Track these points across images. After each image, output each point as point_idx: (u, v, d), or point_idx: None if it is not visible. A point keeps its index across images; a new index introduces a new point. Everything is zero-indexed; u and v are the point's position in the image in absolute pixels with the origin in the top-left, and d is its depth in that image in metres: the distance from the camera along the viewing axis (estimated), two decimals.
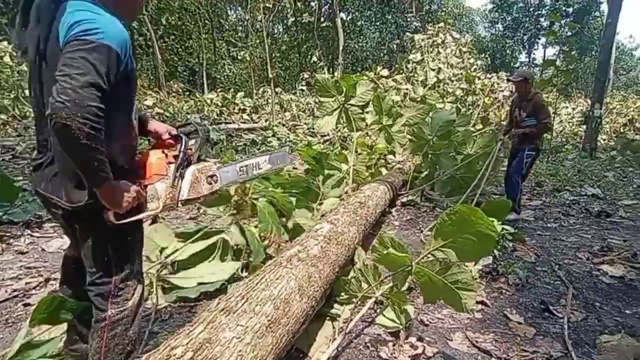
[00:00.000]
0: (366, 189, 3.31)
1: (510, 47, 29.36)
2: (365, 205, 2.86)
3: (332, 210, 2.66)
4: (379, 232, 3.40)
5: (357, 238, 2.41)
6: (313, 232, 2.10)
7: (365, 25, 16.98)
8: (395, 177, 4.47)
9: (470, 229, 1.53)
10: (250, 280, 1.52)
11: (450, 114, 4.42)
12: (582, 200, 4.74)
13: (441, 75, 9.83)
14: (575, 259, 2.88)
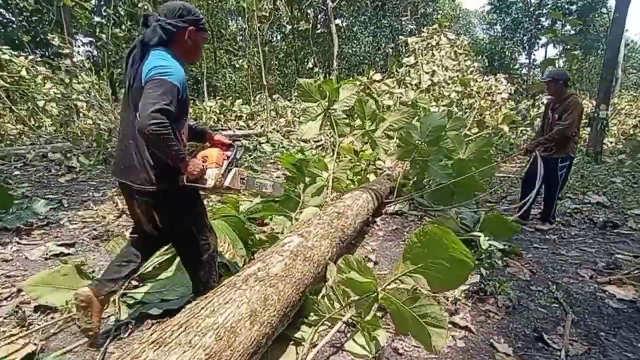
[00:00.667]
0: (347, 198, 3.04)
1: (509, 49, 29.10)
2: (343, 216, 2.59)
3: (306, 221, 2.39)
4: (360, 244, 3.11)
5: (330, 253, 2.15)
6: (279, 246, 1.87)
7: (359, 31, 16.82)
8: (382, 185, 4.19)
9: (442, 254, 1.26)
10: (196, 304, 1.31)
11: (441, 118, 4.14)
12: (585, 209, 4.42)
13: (436, 79, 9.57)
14: (576, 277, 2.56)
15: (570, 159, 3.64)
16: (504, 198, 4.85)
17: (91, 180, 5.61)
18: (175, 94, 1.50)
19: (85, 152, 7.17)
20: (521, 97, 21.81)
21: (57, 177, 5.57)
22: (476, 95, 9.56)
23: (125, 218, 3.79)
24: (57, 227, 3.37)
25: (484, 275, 2.15)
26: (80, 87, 8.80)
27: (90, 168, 6.32)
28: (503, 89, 12.02)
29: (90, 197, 4.56)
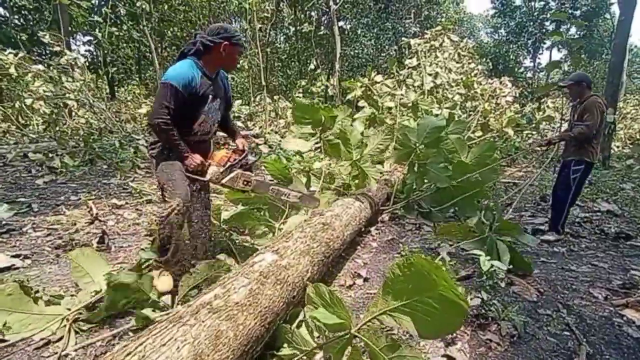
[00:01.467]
0: (337, 206, 2.79)
1: (513, 52, 28.79)
2: (329, 227, 2.34)
3: (286, 234, 2.15)
4: (351, 256, 2.86)
5: (310, 271, 1.90)
6: (248, 266, 1.61)
7: (362, 33, 16.61)
8: (378, 190, 3.93)
9: (431, 291, 1.01)
10: (122, 349, 1.05)
11: (439, 120, 3.88)
12: (595, 218, 4.14)
13: (438, 80, 9.31)
14: (589, 298, 2.29)
15: (586, 164, 3.38)
16: (508, 205, 4.57)
17: (71, 182, 5.36)
18: (173, 92, 1.97)
19: (71, 152, 6.88)
20: (526, 100, 21.52)
21: (35, 178, 5.32)
22: (480, 97, 9.29)
23: (97, 224, 3.56)
24: (18, 235, 3.11)
25: (484, 300, 1.88)
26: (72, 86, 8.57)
27: (73, 169, 6.05)
28: (507, 91, 11.74)
29: (64, 201, 4.31)
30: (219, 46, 2.07)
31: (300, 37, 21.94)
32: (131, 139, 7.63)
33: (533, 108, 10.62)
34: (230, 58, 2.15)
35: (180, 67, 2.03)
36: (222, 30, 2.10)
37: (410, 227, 3.59)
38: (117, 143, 7.13)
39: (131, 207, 4.32)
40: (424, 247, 3.07)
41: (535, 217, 4.15)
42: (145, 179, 5.93)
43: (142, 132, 9.05)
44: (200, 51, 2.08)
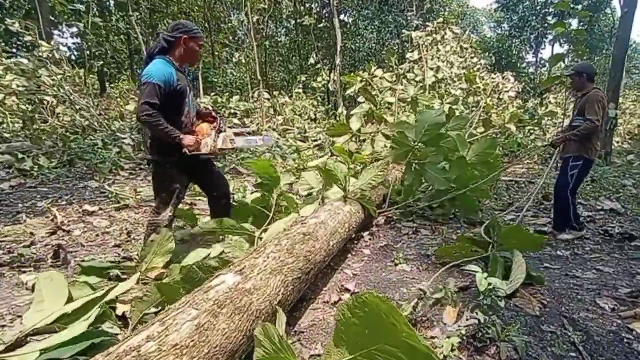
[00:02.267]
0: (324, 212, 2.63)
1: (516, 47, 28.40)
2: (311, 238, 2.17)
3: (258, 248, 1.98)
4: (340, 266, 2.71)
5: (282, 294, 1.69)
6: (201, 293, 1.42)
7: (363, 26, 16.33)
8: (374, 191, 3.77)
9: (391, 338, 0.85)
10: None
11: (438, 115, 3.70)
12: (598, 218, 3.98)
13: (440, 75, 9.10)
14: (595, 310, 2.14)
15: (585, 160, 3.27)
16: (511, 205, 4.41)
17: (43, 186, 5.00)
18: (157, 90, 2.13)
19: (48, 152, 6.39)
20: (528, 95, 21.22)
21: (1, 182, 4.94)
22: (482, 92, 9.08)
23: (60, 235, 3.29)
24: None
25: (482, 322, 1.73)
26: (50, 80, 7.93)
27: (48, 171, 5.61)
28: (510, 86, 11.52)
29: (28, 208, 3.99)
30: (179, 40, 2.26)
31: (301, 31, 21.63)
32: (116, 138, 7.38)
33: (536, 103, 10.40)
34: (192, 52, 2.31)
35: (156, 66, 2.19)
36: (181, 25, 2.29)
37: (407, 231, 3.43)
38: (100, 142, 6.86)
39: (104, 214, 4.07)
40: (420, 253, 2.92)
41: (537, 217, 3.99)
42: (128, 182, 5.70)
43: (131, 130, 8.74)
44: (165, 48, 2.26)
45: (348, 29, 19.04)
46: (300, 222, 2.41)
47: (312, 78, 15.75)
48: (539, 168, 7.66)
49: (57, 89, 7.83)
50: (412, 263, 2.75)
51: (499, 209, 4.20)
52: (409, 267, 2.69)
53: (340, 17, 20.70)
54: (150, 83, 2.11)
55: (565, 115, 9.60)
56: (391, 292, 2.34)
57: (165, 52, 2.25)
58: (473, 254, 2.52)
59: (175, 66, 2.25)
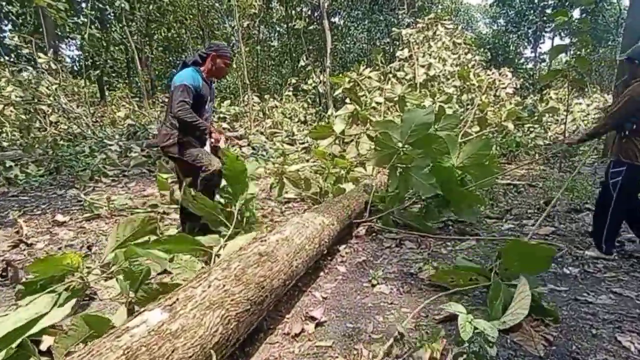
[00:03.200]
0: (290, 225, 2.21)
1: (514, 43, 27.99)
2: (269, 259, 1.77)
3: (200, 274, 1.57)
4: (310, 286, 2.28)
5: (221, 333, 1.34)
6: (112, 337, 1.05)
7: (352, 26, 15.95)
8: (354, 199, 3.35)
9: None
10: None
11: (426, 114, 3.27)
12: None
13: (432, 72, 8.69)
14: (616, 348, 1.70)
15: (629, 166, 2.61)
16: (508, 212, 3.97)
17: (24, 195, 4.87)
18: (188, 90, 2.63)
19: (38, 160, 6.44)
20: (527, 92, 20.77)
21: None
22: (477, 89, 8.65)
23: (21, 248, 3.00)
24: None
25: None
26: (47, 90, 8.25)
27: (34, 179, 5.56)
28: (507, 82, 11.11)
29: (2, 219, 3.81)
30: (209, 56, 2.77)
31: (292, 34, 21.31)
32: (104, 144, 7.10)
33: (535, 99, 9.97)
34: (219, 67, 2.81)
35: (187, 73, 2.68)
36: (213, 45, 2.84)
37: (390, 243, 3.00)
38: (86, 149, 6.61)
39: (74, 225, 3.78)
40: (402, 271, 2.49)
41: (539, 226, 3.54)
42: (108, 189, 5.40)
43: (121, 136, 8.54)
44: (197, 62, 2.79)
45: (339, 30, 18.68)
46: (259, 238, 2.00)
47: (303, 80, 15.37)
48: (540, 169, 7.21)
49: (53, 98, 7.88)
50: (392, 283, 2.33)
51: (495, 216, 3.75)
52: (388, 288, 2.27)
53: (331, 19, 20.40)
54: (183, 84, 2.60)
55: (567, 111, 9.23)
56: (364, 320, 1.93)
57: (197, 64, 2.79)
58: (472, 282, 2.08)
59: (202, 76, 2.77)
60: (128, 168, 6.34)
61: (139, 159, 6.45)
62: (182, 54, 19.02)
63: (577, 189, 4.72)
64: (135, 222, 2.09)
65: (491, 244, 3.04)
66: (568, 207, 4.15)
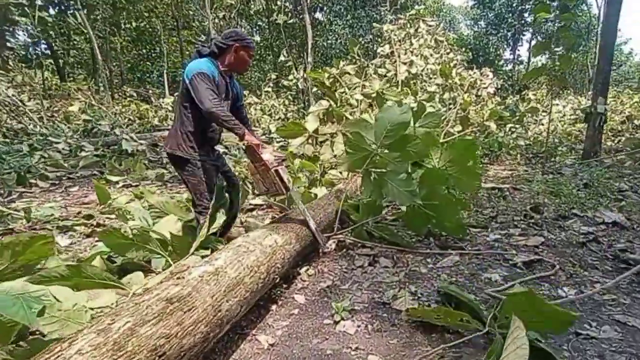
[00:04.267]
0: (227, 250, 1.74)
1: (494, 45, 28.39)
2: (181, 306, 1.30)
3: (64, 339, 1.08)
4: (254, 328, 1.83)
5: None
6: None
7: (335, 21, 15.54)
8: (322, 208, 2.92)
9: None
10: None
11: (403, 112, 2.87)
12: (601, 235, 3.25)
13: (413, 70, 8.38)
14: None
15: None
16: (493, 219, 3.64)
17: None
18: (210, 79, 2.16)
19: None
20: (506, 93, 20.98)
21: None
22: (459, 88, 8.41)
23: None
24: None
25: None
26: None
27: None
28: (488, 82, 10.96)
29: None
30: (230, 47, 2.27)
31: (273, 29, 20.67)
32: (48, 142, 6.34)
33: (517, 100, 9.85)
34: (242, 60, 2.32)
35: (203, 62, 2.21)
36: (234, 33, 2.30)
37: (363, 260, 2.58)
38: (24, 147, 5.82)
39: None
40: (374, 299, 2.07)
41: (526, 235, 3.21)
42: (43, 195, 4.72)
43: (75, 132, 7.74)
44: (214, 53, 2.28)
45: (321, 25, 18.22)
46: (176, 273, 1.51)
47: (284, 76, 14.86)
48: (522, 169, 7.01)
49: None
50: (360, 317, 1.91)
51: (480, 225, 3.40)
52: (355, 326, 1.84)
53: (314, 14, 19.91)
54: (203, 73, 2.12)
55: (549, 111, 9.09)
56: None
57: (214, 56, 2.30)
58: (464, 324, 1.67)
59: (219, 69, 2.28)
60: (75, 169, 5.66)
61: (90, 158, 5.77)
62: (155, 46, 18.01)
63: (562, 193, 4.46)
64: (19, 244, 1.57)
65: (476, 258, 2.67)
66: (555, 213, 3.86)
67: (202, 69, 2.13)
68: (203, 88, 2.08)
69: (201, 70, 2.12)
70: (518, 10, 28.69)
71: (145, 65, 19.43)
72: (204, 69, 2.15)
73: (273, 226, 2.16)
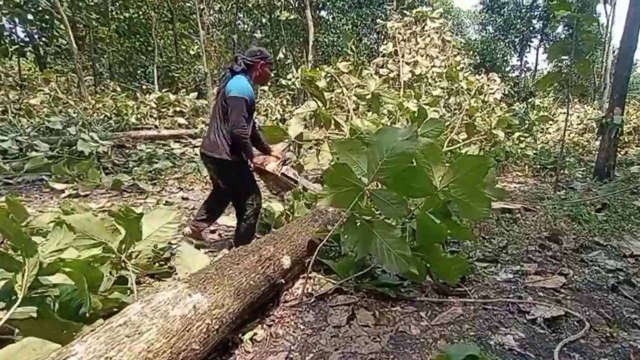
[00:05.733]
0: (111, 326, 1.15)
1: (501, 50, 27.80)
2: None
3: None
4: None
5: None
6: None
7: (337, 17, 14.96)
8: (288, 240, 2.34)
9: None
10: None
11: (405, 139, 2.12)
12: (631, 271, 2.67)
13: (418, 70, 7.80)
14: None
15: None
16: (503, 249, 3.05)
17: None
18: (246, 105, 2.54)
19: None
20: (512, 99, 20.39)
21: None
22: (465, 92, 7.82)
23: None
24: None
25: None
26: None
27: None
28: (496, 88, 10.37)
29: None
30: (257, 64, 2.67)
31: (275, 25, 20.11)
32: None
33: (526, 107, 9.25)
34: (266, 75, 2.77)
35: (245, 83, 2.57)
36: (259, 52, 2.73)
37: (338, 315, 1.99)
38: None
39: None
40: None
41: (544, 273, 2.63)
42: None
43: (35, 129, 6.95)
44: (244, 70, 2.63)
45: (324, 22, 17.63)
46: None
47: (282, 75, 14.29)
48: (531, 183, 6.42)
49: None
50: None
51: (488, 258, 2.81)
52: None
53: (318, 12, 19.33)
54: (243, 98, 2.50)
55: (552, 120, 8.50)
56: None
57: (244, 72, 2.62)
58: None
59: (252, 85, 2.66)
60: (18, 173, 4.88)
61: (39, 160, 5.03)
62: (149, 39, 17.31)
63: (582, 217, 3.88)
64: None
65: (484, 309, 2.10)
66: (575, 242, 3.27)
67: (246, 95, 2.51)
68: (240, 110, 2.47)
69: (245, 95, 2.50)
70: (527, 16, 28.13)
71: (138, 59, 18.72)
72: (247, 94, 2.52)
73: (206, 274, 1.58)
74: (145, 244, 2.63)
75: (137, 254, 2.62)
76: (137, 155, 6.67)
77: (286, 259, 2.15)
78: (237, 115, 2.46)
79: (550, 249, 3.02)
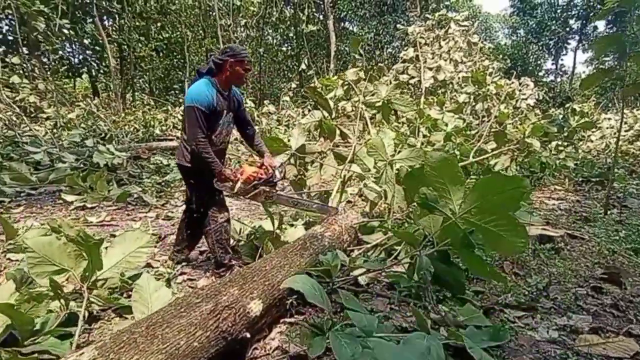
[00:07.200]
0: None
1: (534, 54, 26.27)
2: None
3: None
4: None
5: None
6: None
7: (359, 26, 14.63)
8: (269, 275, 1.91)
9: None
10: None
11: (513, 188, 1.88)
12: None
13: (441, 76, 7.21)
14: None
15: None
16: (542, 292, 2.41)
17: None
18: (200, 115, 2.27)
19: None
20: (547, 105, 19.01)
21: None
22: (494, 98, 7.12)
23: None
24: None
25: None
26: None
27: None
28: (529, 93, 9.54)
29: None
30: (225, 63, 2.37)
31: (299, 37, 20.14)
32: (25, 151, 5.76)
33: (566, 113, 8.34)
34: (237, 74, 2.41)
35: (199, 87, 2.32)
36: (228, 49, 2.41)
37: None
38: None
39: None
40: None
41: (603, 331, 1.98)
42: None
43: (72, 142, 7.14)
44: (212, 70, 2.39)
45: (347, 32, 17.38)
46: None
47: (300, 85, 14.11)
48: (574, 199, 5.60)
49: None
50: None
51: (523, 305, 2.20)
52: None
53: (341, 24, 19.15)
54: (193, 107, 2.25)
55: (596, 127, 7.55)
56: None
57: (212, 73, 2.39)
58: None
59: (217, 87, 2.38)
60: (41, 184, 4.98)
61: (62, 172, 5.08)
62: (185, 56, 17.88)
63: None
64: None
65: None
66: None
67: (194, 103, 2.25)
68: (193, 121, 2.25)
69: (193, 104, 2.24)
70: (562, 17, 26.53)
71: (175, 75, 19.69)
72: (196, 101, 2.25)
73: (130, 336, 1.17)
74: (113, 270, 2.33)
75: (102, 283, 2.31)
76: (154, 166, 6.66)
77: (255, 305, 1.71)
78: (190, 127, 2.27)
79: (609, 294, 2.35)
